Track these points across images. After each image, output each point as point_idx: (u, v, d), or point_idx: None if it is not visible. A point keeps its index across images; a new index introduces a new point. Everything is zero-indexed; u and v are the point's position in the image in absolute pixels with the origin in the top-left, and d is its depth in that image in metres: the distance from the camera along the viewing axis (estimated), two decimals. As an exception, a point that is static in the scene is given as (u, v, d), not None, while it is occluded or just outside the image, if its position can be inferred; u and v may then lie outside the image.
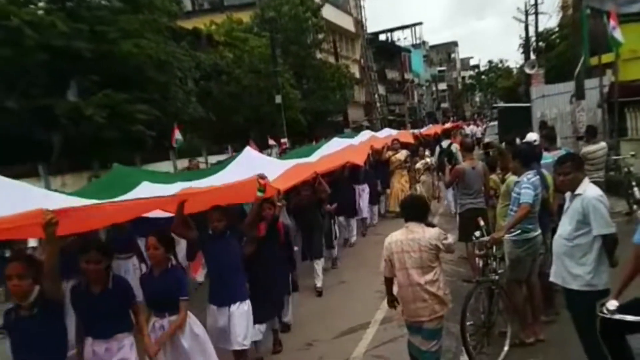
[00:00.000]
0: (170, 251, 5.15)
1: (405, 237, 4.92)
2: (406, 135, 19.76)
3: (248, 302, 5.83)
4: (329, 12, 37.27)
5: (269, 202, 6.78)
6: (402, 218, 5.21)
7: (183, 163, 17.04)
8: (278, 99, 23.62)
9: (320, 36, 33.81)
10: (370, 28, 53.11)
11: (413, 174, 15.37)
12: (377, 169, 14.54)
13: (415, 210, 5.10)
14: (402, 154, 15.18)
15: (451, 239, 5.01)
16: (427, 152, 16.43)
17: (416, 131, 23.64)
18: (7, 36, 13.49)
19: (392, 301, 5.25)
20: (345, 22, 44.40)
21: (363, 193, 13.18)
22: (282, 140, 22.63)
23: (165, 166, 17.72)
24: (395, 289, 5.20)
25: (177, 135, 17.55)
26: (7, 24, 13.52)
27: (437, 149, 17.06)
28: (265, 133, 23.18)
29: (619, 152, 13.47)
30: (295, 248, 8.54)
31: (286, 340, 7.13)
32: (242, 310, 5.73)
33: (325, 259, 10.14)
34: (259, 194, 5.98)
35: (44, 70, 14.69)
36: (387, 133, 19.15)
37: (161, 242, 5.02)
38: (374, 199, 14.13)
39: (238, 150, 19.80)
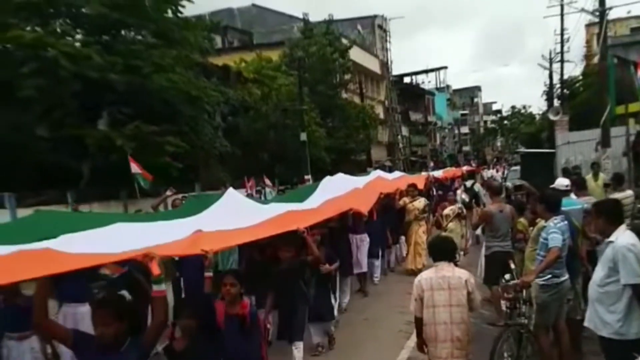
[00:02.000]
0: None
1: (435, 275, 5.00)
2: (423, 180, 17.90)
3: None
4: (356, 54, 37.78)
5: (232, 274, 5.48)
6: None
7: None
8: (303, 136, 23.90)
9: (347, 77, 34.31)
10: (396, 70, 53.49)
11: (438, 221, 12.83)
12: (386, 216, 12.66)
13: (445, 249, 5.22)
14: (421, 202, 13.67)
15: (479, 296, 5.08)
16: (461, 194, 14.52)
17: (429, 174, 21.98)
18: (44, 66, 13.90)
19: (422, 345, 5.23)
20: (372, 63, 44.93)
21: (362, 244, 11.19)
22: (306, 177, 22.79)
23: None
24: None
25: (135, 169, 14.27)
26: (44, 54, 13.93)
27: (461, 188, 17.02)
28: (290, 169, 23.35)
29: (644, 202, 13.32)
30: (268, 326, 7.30)
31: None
32: None
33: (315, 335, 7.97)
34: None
35: (77, 100, 15.06)
36: (398, 175, 18.06)
37: None
38: (375, 252, 11.99)
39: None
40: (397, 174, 18.77)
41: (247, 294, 5.98)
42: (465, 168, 28.74)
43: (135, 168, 14.24)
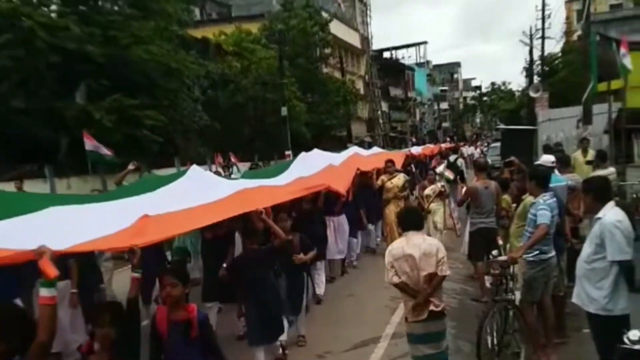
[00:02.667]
0: None
1: (406, 243, 5.12)
2: (401, 156, 17.04)
3: None
4: (337, 28, 37.46)
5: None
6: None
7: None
8: (284, 110, 23.73)
9: (327, 51, 34.06)
10: (376, 45, 53.37)
11: (420, 204, 12.18)
12: (362, 195, 11.78)
13: (413, 220, 5.37)
14: (400, 179, 12.31)
15: (447, 267, 5.10)
16: (444, 171, 12.99)
17: (407, 151, 21.76)
18: (20, 36, 13.54)
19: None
20: (352, 38, 44.65)
21: (340, 227, 10.46)
22: (287, 153, 22.65)
23: (169, 172, 17.67)
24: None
25: (88, 145, 13.25)
26: (20, 24, 13.57)
27: (444, 164, 17.02)
28: (270, 144, 23.22)
29: (624, 179, 13.47)
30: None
31: (298, 352, 7.08)
32: None
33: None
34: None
35: (54, 72, 14.74)
36: (376, 151, 16.96)
37: None
38: (353, 232, 11.33)
39: (242, 159, 19.96)
40: (374, 150, 17.67)
41: None
42: (444, 145, 28.66)
43: (89, 145, 13.14)
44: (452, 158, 16.89)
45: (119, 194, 6.11)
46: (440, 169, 12.74)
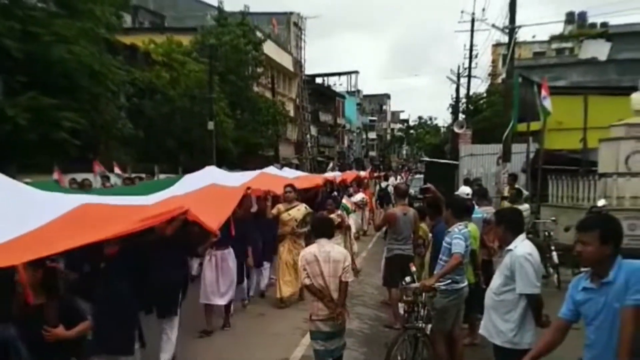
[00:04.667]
0: None
1: (317, 249, 5.64)
2: (314, 180, 14.91)
3: None
4: (270, 48, 37.47)
5: None
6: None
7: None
8: (210, 125, 23.39)
9: (260, 70, 33.92)
10: (309, 70, 53.61)
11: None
12: (255, 224, 9.88)
13: (324, 228, 5.91)
14: (300, 211, 9.95)
15: (351, 274, 5.77)
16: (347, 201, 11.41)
17: (328, 175, 19.70)
18: None
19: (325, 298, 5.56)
20: (285, 60, 44.77)
21: (224, 264, 8.39)
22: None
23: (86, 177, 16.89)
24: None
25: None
26: None
27: (377, 187, 17.36)
28: (195, 158, 22.74)
29: (538, 217, 13.93)
30: None
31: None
32: None
33: None
34: None
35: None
36: (293, 173, 14.75)
37: None
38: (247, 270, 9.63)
39: (165, 171, 19.39)
40: (289, 171, 15.10)
41: None
42: (363, 173, 28.19)
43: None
44: (383, 184, 17.31)
45: None
46: (352, 199, 12.20)
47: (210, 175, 8.59)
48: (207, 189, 7.65)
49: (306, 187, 12.96)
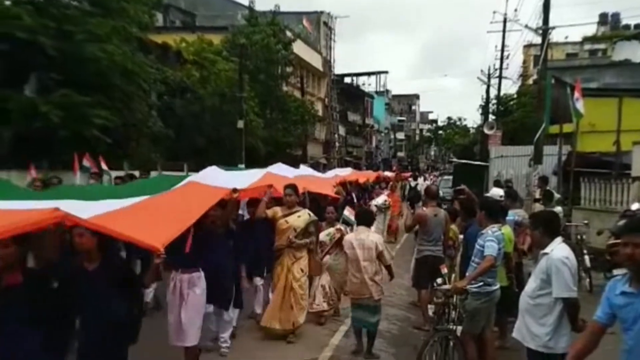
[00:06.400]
0: None
1: (355, 237, 7.01)
2: (323, 184, 11.10)
3: None
4: (300, 48, 37.52)
5: None
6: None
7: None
8: (240, 124, 23.57)
9: (289, 69, 34.02)
10: (338, 70, 53.52)
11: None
12: (248, 232, 7.99)
13: (365, 218, 7.28)
14: (301, 218, 7.82)
15: (388, 255, 7.31)
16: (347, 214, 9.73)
17: (340, 173, 16.81)
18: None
19: None
20: (314, 60, 44.80)
21: (192, 291, 6.14)
22: (240, 166, 22.35)
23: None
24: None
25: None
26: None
27: (407, 187, 17.26)
28: (224, 156, 22.86)
29: (570, 220, 13.71)
30: None
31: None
32: None
33: None
34: None
35: (2, 60, 14.18)
36: (306, 171, 11.86)
37: None
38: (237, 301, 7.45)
39: (194, 169, 19.53)
40: (304, 170, 12.05)
41: None
42: (388, 173, 27.41)
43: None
44: (413, 183, 17.31)
45: None
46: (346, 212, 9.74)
47: (211, 175, 7.04)
48: (183, 189, 6.16)
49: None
